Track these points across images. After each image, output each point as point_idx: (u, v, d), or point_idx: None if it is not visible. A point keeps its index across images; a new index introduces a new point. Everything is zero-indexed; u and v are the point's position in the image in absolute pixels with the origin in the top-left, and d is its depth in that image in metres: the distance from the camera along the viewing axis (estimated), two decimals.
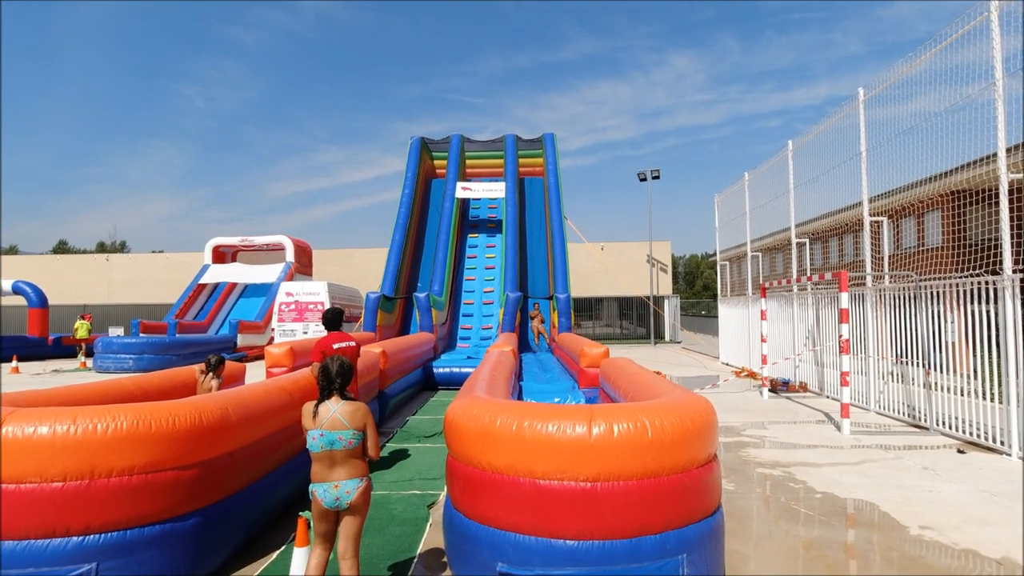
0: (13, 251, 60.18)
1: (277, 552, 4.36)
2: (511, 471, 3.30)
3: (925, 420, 8.53)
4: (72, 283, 34.85)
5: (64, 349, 22.66)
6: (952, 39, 7.94)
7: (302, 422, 3.37)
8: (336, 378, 3.36)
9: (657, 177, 29.38)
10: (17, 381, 15.26)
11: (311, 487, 3.31)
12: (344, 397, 3.38)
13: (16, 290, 23.44)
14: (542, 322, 16.85)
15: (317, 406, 3.34)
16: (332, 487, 3.24)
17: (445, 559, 4.05)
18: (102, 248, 64.07)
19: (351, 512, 3.28)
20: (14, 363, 18.14)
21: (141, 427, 3.54)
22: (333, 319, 6.09)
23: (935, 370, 8.46)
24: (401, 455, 7.26)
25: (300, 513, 3.58)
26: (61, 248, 66.42)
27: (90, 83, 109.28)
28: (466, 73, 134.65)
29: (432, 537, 4.62)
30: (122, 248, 66.02)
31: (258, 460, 4.56)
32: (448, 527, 3.80)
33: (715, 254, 20.08)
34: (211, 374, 6.24)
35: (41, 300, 23.31)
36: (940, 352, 8.38)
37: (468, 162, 23.84)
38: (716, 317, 20.55)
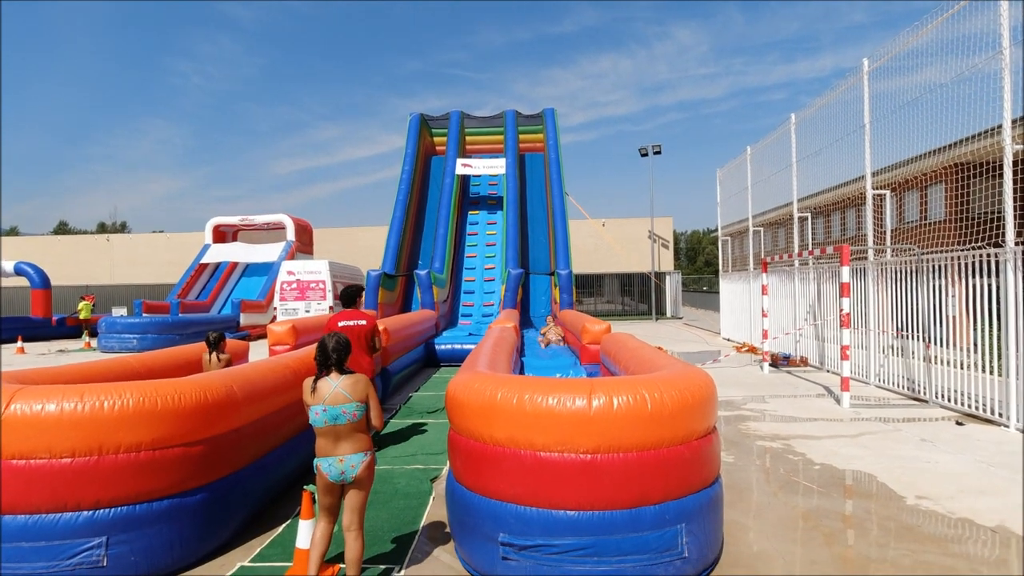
0: (14, 232, 60.16)
1: (283, 525, 4.44)
2: (512, 444, 3.34)
3: (924, 393, 8.58)
4: (73, 264, 34.91)
5: (68, 329, 22.80)
6: (958, 7, 7.80)
7: (303, 398, 3.41)
8: (332, 353, 3.38)
9: (659, 152, 29.14)
10: (23, 361, 15.38)
11: (316, 461, 3.36)
12: (343, 372, 3.41)
13: (18, 271, 23.50)
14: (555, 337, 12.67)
15: (316, 382, 3.37)
16: (337, 461, 3.29)
17: (448, 530, 4.12)
18: (103, 229, 64.01)
19: (356, 485, 3.33)
20: (19, 343, 18.27)
21: (147, 404, 3.58)
22: (345, 297, 6.18)
23: (935, 343, 8.49)
24: (404, 430, 7.34)
25: (304, 487, 3.64)
26: (62, 229, 66.38)
27: (84, 61, 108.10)
28: (466, 47, 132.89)
29: (435, 510, 4.70)
30: (123, 228, 65.97)
31: (264, 436, 4.62)
32: (450, 499, 3.86)
33: (717, 229, 20.01)
34: (214, 352, 6.23)
35: (43, 281, 23.38)
36: (941, 325, 8.40)
37: (468, 138, 23.65)
38: (718, 293, 20.56)
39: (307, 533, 3.57)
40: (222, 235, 27.04)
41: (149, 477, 3.57)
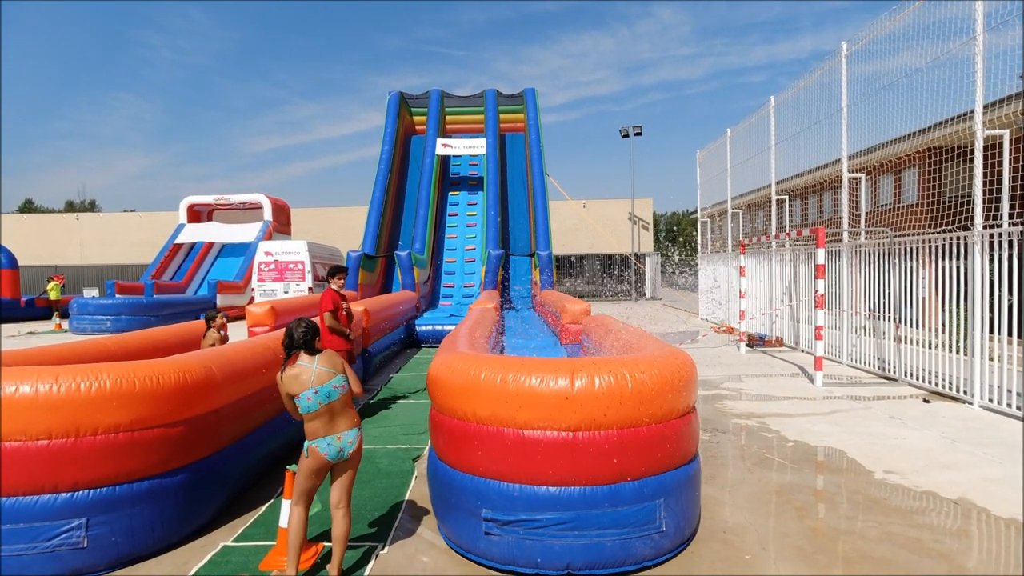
0: None
1: (266, 505, 4.45)
2: (495, 421, 3.38)
3: (894, 372, 8.83)
4: (41, 244, 33.98)
5: (38, 311, 22.24)
6: None
7: (286, 391, 3.32)
8: (299, 337, 3.33)
9: (639, 133, 29.18)
10: (42, 345, 15.00)
11: (311, 444, 3.29)
12: (312, 351, 3.36)
13: None
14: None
15: (286, 369, 3.32)
16: (335, 439, 3.29)
17: (430, 508, 4.17)
18: (71, 207, 62.24)
19: (349, 463, 3.37)
20: None
21: (125, 385, 3.53)
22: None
23: (905, 324, 8.73)
24: (386, 411, 7.37)
25: (287, 467, 3.64)
26: (28, 207, 64.39)
27: (46, 31, 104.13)
28: (446, 24, 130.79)
29: (418, 489, 4.74)
30: (92, 207, 64.16)
31: (244, 417, 4.60)
32: (433, 477, 3.90)
33: (697, 211, 20.17)
34: (210, 329, 6.40)
35: (10, 261, 22.71)
36: (911, 307, 8.63)
37: (448, 118, 23.40)
38: (697, 274, 20.79)
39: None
40: (196, 215, 26.50)
41: (128, 458, 3.54)
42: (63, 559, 3.36)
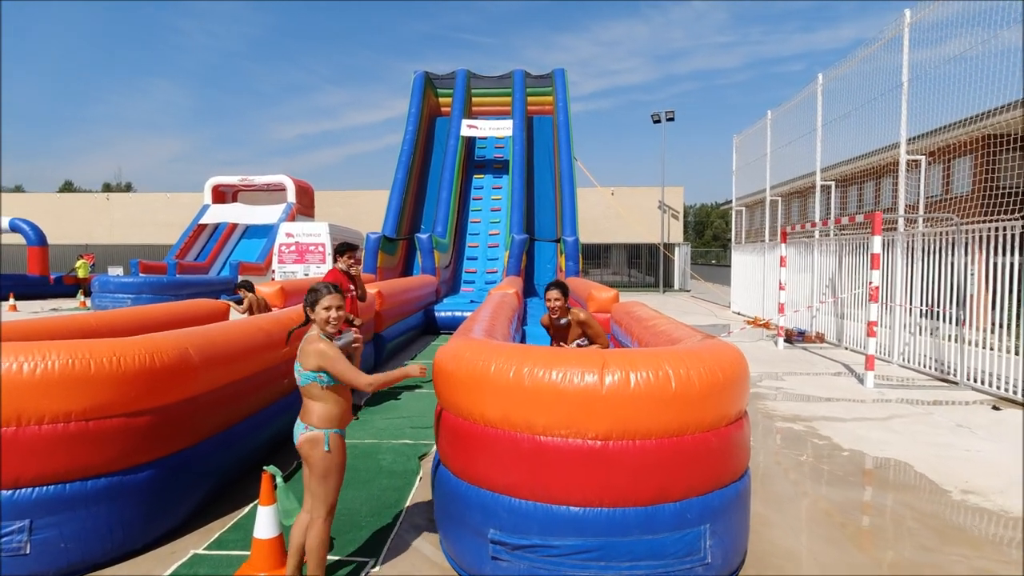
0: (18, 190, 59.57)
1: (250, 506, 3.94)
2: (507, 425, 2.80)
3: (955, 374, 8.01)
4: (73, 222, 34.39)
5: (65, 288, 22.40)
6: None
7: None
8: (304, 304, 3.03)
9: (672, 119, 28.12)
10: (14, 319, 14.96)
11: None
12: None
13: (13, 227, 23.01)
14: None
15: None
16: (299, 421, 2.90)
17: (433, 517, 3.62)
18: (108, 189, 63.31)
19: (305, 463, 2.86)
20: (11, 301, 17.88)
21: (78, 367, 3.03)
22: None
23: (969, 322, 7.88)
24: (395, 401, 6.85)
25: (264, 468, 3.11)
26: (67, 189, 65.70)
27: (80, 15, 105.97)
28: (474, 9, 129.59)
29: (421, 492, 4.20)
30: (128, 190, 65.18)
31: (228, 406, 4.09)
32: (436, 484, 3.34)
33: (728, 202, 19.23)
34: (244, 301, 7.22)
35: (39, 238, 22.91)
36: (977, 304, 7.79)
37: (474, 99, 22.74)
38: (726, 266, 19.90)
39: (266, 521, 3.07)
40: (221, 195, 26.36)
41: (82, 452, 3.04)
42: (1, 566, 2.90)
